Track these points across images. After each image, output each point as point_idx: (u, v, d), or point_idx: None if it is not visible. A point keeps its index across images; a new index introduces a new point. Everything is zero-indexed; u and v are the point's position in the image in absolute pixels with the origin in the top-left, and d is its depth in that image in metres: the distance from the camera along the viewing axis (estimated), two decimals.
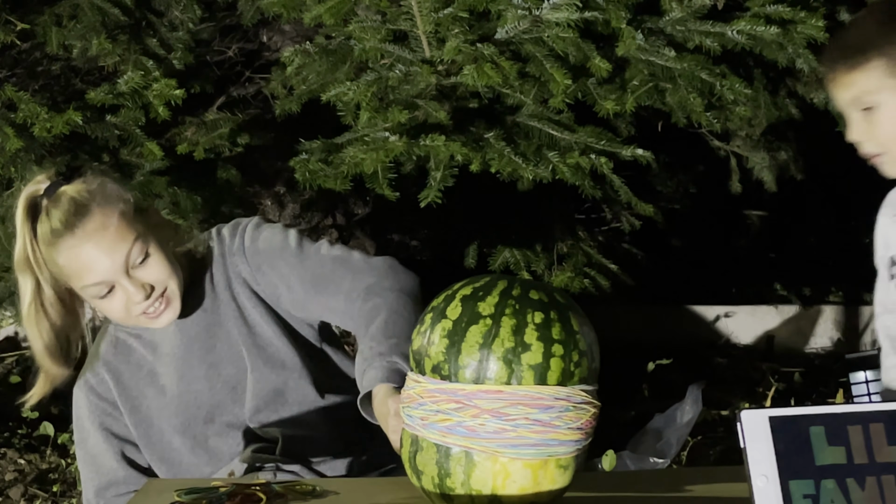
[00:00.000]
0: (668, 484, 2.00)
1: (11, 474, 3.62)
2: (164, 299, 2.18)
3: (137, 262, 2.15)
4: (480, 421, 1.62)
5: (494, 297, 1.66)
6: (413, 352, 1.70)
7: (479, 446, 1.63)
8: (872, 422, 1.45)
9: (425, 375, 1.67)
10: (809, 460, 1.43)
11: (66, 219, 2.12)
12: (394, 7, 2.95)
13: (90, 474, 2.30)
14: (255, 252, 2.26)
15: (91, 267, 2.13)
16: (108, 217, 2.14)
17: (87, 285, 2.15)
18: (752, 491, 1.42)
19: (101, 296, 2.16)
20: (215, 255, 2.29)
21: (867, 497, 1.42)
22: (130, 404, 2.28)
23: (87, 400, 2.30)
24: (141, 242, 2.15)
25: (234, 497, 1.76)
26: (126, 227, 2.14)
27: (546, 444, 1.64)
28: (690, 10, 3.04)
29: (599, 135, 3.16)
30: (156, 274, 2.17)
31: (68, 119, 3.09)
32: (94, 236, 2.12)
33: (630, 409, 4.15)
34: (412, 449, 1.68)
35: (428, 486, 1.67)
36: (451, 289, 1.71)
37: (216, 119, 3.38)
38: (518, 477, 1.64)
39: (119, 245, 2.13)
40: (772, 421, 1.44)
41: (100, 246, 2.12)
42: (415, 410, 1.67)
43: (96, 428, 2.29)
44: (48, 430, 3.77)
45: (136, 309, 2.17)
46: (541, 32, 2.97)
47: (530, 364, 1.62)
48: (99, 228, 2.13)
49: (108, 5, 3.26)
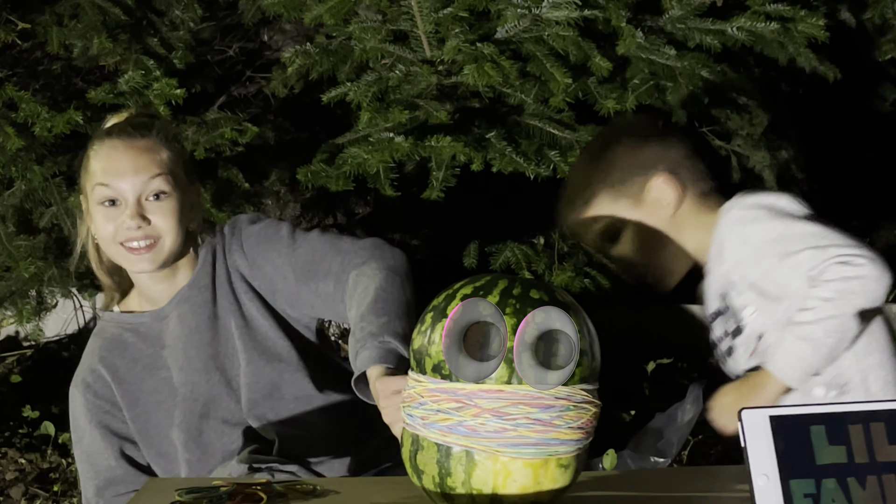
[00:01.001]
0: (669, 483, 2.00)
1: (12, 474, 3.62)
2: (152, 244, 2.22)
3: (152, 195, 2.21)
4: (481, 420, 1.62)
5: (495, 297, 1.66)
6: (414, 351, 1.70)
7: (480, 445, 1.62)
8: (873, 421, 1.45)
9: (426, 375, 1.67)
10: (810, 459, 1.43)
11: (122, 126, 2.26)
12: (394, 7, 2.96)
13: (89, 473, 2.30)
14: (251, 247, 2.30)
15: (114, 170, 2.21)
16: (156, 146, 2.24)
17: (101, 184, 2.21)
18: (753, 490, 1.42)
19: (105, 202, 2.21)
20: (217, 251, 2.31)
21: (868, 496, 1.42)
22: (129, 398, 2.29)
23: (83, 398, 2.31)
24: (166, 182, 2.22)
25: (234, 496, 1.76)
26: (162, 162, 2.23)
27: (547, 444, 1.64)
28: (690, 8, 3.05)
29: None
30: (160, 217, 2.21)
31: (69, 118, 3.10)
32: (135, 151, 2.22)
33: (630, 408, 4.15)
34: (413, 448, 1.68)
35: (429, 486, 1.67)
36: (452, 288, 1.71)
37: (217, 118, 3.38)
38: (519, 476, 1.64)
39: (148, 168, 2.21)
40: (772, 420, 1.44)
41: (134, 159, 2.21)
42: (415, 410, 1.67)
43: (94, 426, 2.30)
44: (49, 429, 3.76)
45: (123, 234, 2.21)
46: (541, 31, 2.97)
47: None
48: (143, 149, 2.23)
49: (108, 5, 3.26)
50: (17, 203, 3.29)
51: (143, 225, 2.20)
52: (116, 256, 2.26)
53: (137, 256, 2.22)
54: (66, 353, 4.52)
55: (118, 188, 2.20)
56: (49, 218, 3.32)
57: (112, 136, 2.24)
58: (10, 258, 3.30)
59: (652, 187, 2.12)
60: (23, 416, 3.86)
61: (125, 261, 2.25)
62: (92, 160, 2.24)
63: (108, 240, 2.24)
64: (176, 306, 2.29)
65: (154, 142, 2.24)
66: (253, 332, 2.28)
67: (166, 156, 2.24)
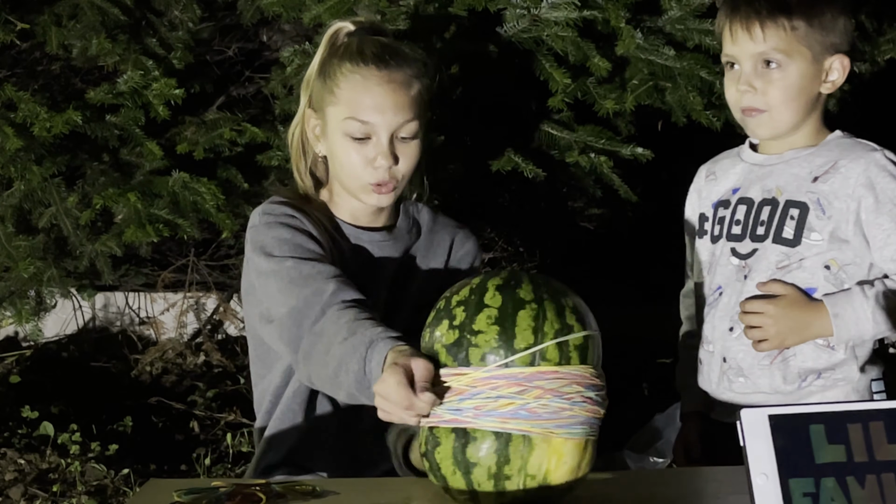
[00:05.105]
0: (669, 483, 2.00)
1: (11, 474, 3.61)
2: (393, 183, 2.17)
3: (404, 135, 2.16)
4: (543, 402, 1.65)
5: (528, 285, 1.71)
6: (447, 346, 1.69)
7: (539, 428, 1.65)
8: (872, 420, 1.45)
9: (471, 366, 1.67)
10: (809, 458, 1.43)
11: (379, 52, 2.16)
12: (393, 7, 2.95)
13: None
14: (459, 258, 2.30)
15: (372, 106, 2.14)
16: (410, 80, 2.16)
17: (355, 118, 2.14)
18: (752, 489, 1.42)
19: (357, 137, 2.15)
20: (419, 220, 2.31)
21: (867, 495, 1.42)
22: None
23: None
24: (418, 125, 2.17)
25: (233, 497, 1.75)
26: (414, 100, 2.16)
27: (590, 423, 1.70)
28: (689, 9, 3.05)
29: (599, 134, 3.16)
30: (407, 158, 2.17)
31: (68, 119, 3.09)
32: (393, 85, 2.14)
33: (630, 408, 4.15)
34: (459, 443, 1.67)
35: (480, 479, 1.67)
36: (472, 284, 1.73)
37: (216, 119, 3.38)
38: (568, 458, 1.68)
39: (405, 109, 2.15)
40: (772, 419, 1.44)
41: (392, 96, 2.14)
42: (466, 402, 1.67)
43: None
44: (48, 430, 3.76)
45: (373, 174, 2.15)
46: (540, 32, 2.97)
47: (576, 345, 1.68)
48: (402, 83, 2.15)
49: (107, 5, 3.26)
50: (17, 203, 3.29)
51: (393, 165, 2.16)
52: (355, 188, 2.19)
53: (379, 195, 2.18)
54: (65, 354, 4.52)
55: (373, 125, 2.14)
56: (48, 218, 3.31)
57: (368, 63, 2.15)
58: (9, 258, 3.30)
59: (835, 60, 2.21)
60: (22, 417, 3.86)
61: (364, 194, 2.19)
62: (342, 84, 2.16)
63: (358, 174, 2.17)
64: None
65: (410, 75, 2.16)
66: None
67: (417, 91, 2.17)
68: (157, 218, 3.20)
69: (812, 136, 2.25)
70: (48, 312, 3.84)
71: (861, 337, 2.17)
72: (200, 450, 3.82)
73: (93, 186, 3.28)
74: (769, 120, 2.22)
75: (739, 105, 2.24)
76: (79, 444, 3.70)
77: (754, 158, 2.29)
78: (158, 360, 4.45)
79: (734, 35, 2.22)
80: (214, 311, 4.58)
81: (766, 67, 2.20)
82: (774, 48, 2.18)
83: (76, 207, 3.27)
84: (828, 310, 2.15)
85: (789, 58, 2.18)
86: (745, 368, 2.23)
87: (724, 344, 2.26)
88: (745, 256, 2.24)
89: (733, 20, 2.22)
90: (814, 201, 2.18)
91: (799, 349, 2.19)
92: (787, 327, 2.16)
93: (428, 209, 2.33)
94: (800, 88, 2.20)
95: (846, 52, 2.22)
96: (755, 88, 2.20)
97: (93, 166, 3.31)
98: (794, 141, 2.24)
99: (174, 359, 4.49)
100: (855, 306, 2.14)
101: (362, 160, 2.15)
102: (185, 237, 3.31)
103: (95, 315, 4.69)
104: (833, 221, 2.17)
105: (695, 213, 2.38)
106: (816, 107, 2.24)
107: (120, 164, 3.31)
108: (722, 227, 2.28)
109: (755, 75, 2.20)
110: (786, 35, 2.18)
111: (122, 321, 4.71)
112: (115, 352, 4.51)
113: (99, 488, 3.57)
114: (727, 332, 2.25)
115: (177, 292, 4.56)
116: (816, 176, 2.20)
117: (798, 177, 2.21)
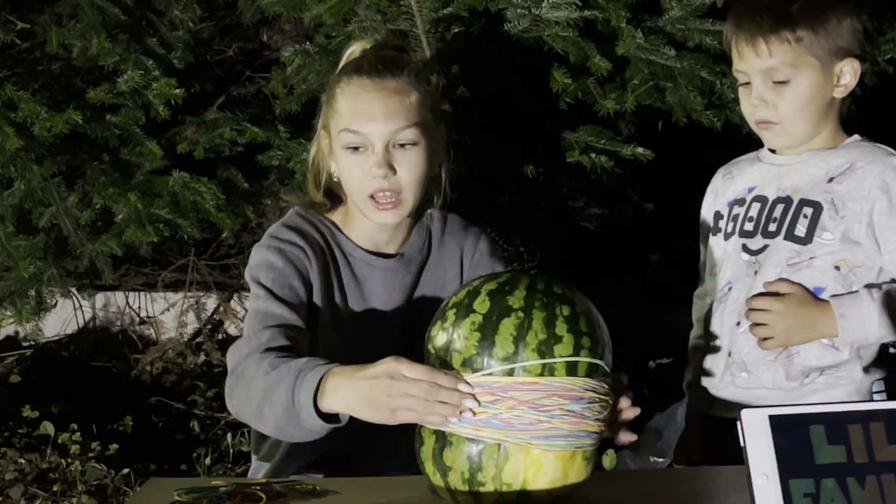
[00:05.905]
0: (669, 483, 2.00)
1: (11, 474, 3.61)
2: (397, 199, 2.13)
3: (402, 143, 2.12)
4: (517, 413, 1.63)
5: (522, 291, 1.69)
6: (436, 349, 1.70)
7: (514, 438, 1.64)
8: (872, 421, 1.45)
9: (452, 370, 1.67)
10: (809, 459, 1.43)
11: (374, 62, 2.14)
12: (394, 7, 2.95)
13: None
14: (479, 263, 2.29)
15: (364, 115, 2.11)
16: (406, 87, 2.13)
17: (348, 129, 2.12)
18: (753, 490, 1.42)
19: (351, 147, 2.12)
20: (433, 230, 2.29)
21: (867, 496, 1.42)
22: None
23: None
24: (418, 132, 2.12)
25: (234, 496, 1.75)
26: (412, 108, 2.12)
27: (576, 436, 1.67)
28: (690, 9, 3.05)
29: (600, 133, 3.16)
30: (407, 166, 2.13)
31: (68, 118, 3.09)
32: (385, 93, 2.11)
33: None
34: (438, 445, 1.68)
35: (456, 483, 1.67)
36: (471, 285, 1.72)
37: (216, 118, 3.38)
38: (549, 469, 1.66)
39: (399, 116, 2.11)
40: (772, 420, 1.44)
41: (383, 103, 2.11)
42: None
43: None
44: (48, 429, 3.76)
45: (370, 185, 2.12)
46: (540, 31, 2.97)
47: (562, 355, 1.65)
48: (395, 90, 2.12)
49: (108, 5, 3.26)
50: (17, 203, 3.29)
51: (390, 175, 2.11)
52: (361, 205, 2.16)
53: (380, 211, 2.14)
54: (65, 353, 4.52)
55: (366, 134, 2.11)
56: (48, 218, 3.31)
57: (361, 74, 2.13)
58: (9, 258, 3.30)
59: (845, 64, 2.20)
60: (22, 417, 3.86)
61: (368, 210, 2.16)
62: (339, 98, 2.15)
63: (358, 187, 2.14)
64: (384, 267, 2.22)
65: (405, 82, 2.13)
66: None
67: (416, 98, 2.13)
68: (157, 218, 3.21)
69: (829, 140, 2.25)
70: (48, 312, 3.84)
71: (866, 339, 2.17)
72: (201, 449, 3.82)
73: (93, 186, 3.29)
74: (783, 131, 2.23)
75: (754, 118, 2.24)
76: (79, 443, 3.70)
77: (772, 159, 2.30)
78: (158, 360, 4.45)
79: (741, 52, 2.22)
80: (214, 311, 4.59)
81: (775, 82, 2.20)
82: (781, 62, 2.18)
83: (76, 207, 3.28)
84: (834, 310, 2.15)
85: (797, 70, 2.18)
86: (749, 363, 2.23)
87: (731, 338, 2.26)
88: (755, 252, 2.24)
89: (738, 37, 2.22)
90: (828, 201, 2.18)
91: (804, 347, 2.19)
92: (792, 326, 2.16)
93: (439, 214, 2.31)
94: (811, 98, 2.19)
95: (856, 55, 2.22)
96: (767, 102, 2.20)
97: (93, 166, 3.31)
98: (811, 146, 2.25)
99: (174, 358, 4.49)
100: (861, 308, 2.14)
101: (361, 171, 2.13)
102: (186, 237, 3.31)
103: (95, 315, 4.69)
104: (846, 222, 2.17)
105: (710, 212, 2.38)
106: (831, 112, 2.24)
107: (120, 163, 3.31)
108: (735, 224, 2.29)
109: (765, 89, 2.20)
110: (791, 48, 2.17)
111: (123, 321, 4.72)
112: (116, 351, 4.52)
113: (99, 488, 3.57)
114: (734, 326, 2.26)
115: (177, 292, 4.56)
116: (832, 176, 2.20)
117: (814, 176, 2.22)
